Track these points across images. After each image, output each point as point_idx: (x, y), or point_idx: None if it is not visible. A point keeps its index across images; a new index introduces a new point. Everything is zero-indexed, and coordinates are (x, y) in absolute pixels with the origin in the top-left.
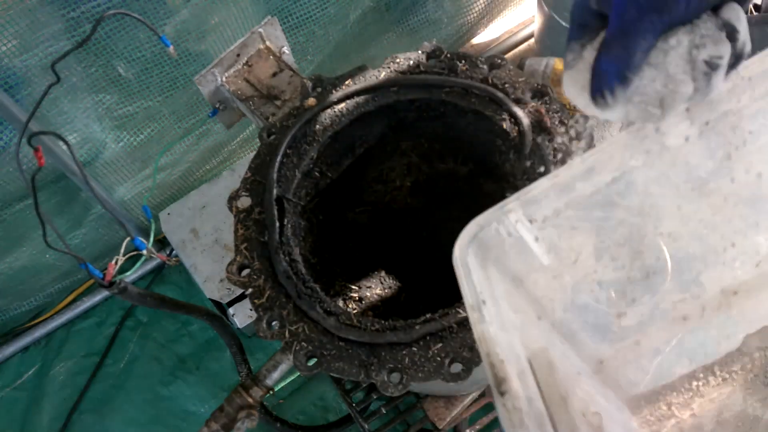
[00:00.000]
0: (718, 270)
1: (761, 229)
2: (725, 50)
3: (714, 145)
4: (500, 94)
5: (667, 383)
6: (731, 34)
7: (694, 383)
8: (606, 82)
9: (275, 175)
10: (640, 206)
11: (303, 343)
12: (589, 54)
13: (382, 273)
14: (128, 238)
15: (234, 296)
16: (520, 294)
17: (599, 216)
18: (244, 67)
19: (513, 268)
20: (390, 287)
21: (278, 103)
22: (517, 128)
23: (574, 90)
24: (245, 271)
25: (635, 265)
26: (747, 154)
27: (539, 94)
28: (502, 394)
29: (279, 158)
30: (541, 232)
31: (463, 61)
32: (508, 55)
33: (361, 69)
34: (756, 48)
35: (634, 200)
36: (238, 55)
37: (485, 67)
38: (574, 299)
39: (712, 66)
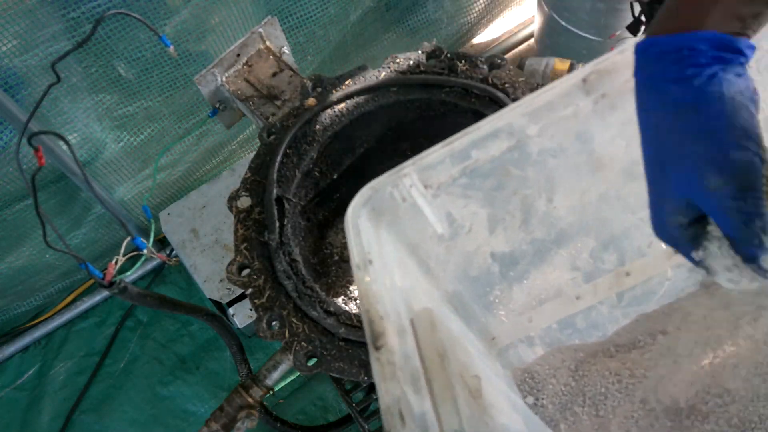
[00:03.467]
0: (611, 248)
1: None
2: None
3: (610, 118)
4: (500, 94)
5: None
6: None
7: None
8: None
9: (275, 175)
10: (535, 178)
11: (303, 343)
12: (716, 247)
13: None
14: (128, 238)
15: (234, 296)
16: (412, 262)
17: (493, 185)
18: (244, 67)
19: (407, 234)
20: None
21: (278, 103)
22: None
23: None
24: (245, 271)
25: (527, 239)
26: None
27: None
28: (377, 348)
29: (279, 158)
30: (435, 200)
31: (463, 61)
32: (508, 55)
33: (361, 69)
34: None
35: (528, 171)
36: (238, 55)
37: (485, 67)
38: (467, 271)
39: None
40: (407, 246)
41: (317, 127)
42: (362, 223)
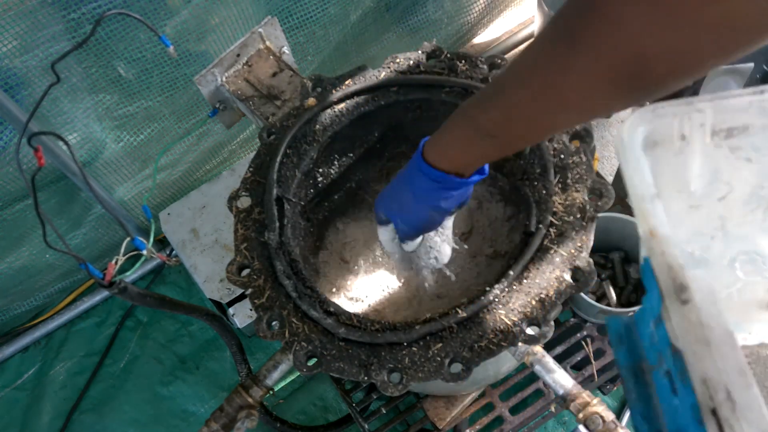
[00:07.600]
0: None
1: None
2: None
3: None
4: None
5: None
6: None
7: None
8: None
9: (275, 175)
10: None
11: (303, 343)
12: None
13: (383, 272)
14: (128, 238)
15: (234, 296)
16: None
17: None
18: (244, 67)
19: (662, 176)
20: (390, 287)
21: (278, 103)
22: None
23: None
24: (245, 271)
25: None
26: None
27: None
28: (684, 302)
29: (279, 158)
30: (714, 150)
31: (463, 61)
32: (508, 55)
33: (361, 69)
34: (761, 60)
35: None
36: (238, 55)
37: (485, 67)
38: (692, 244)
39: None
40: (656, 188)
41: (317, 127)
42: (637, 143)
